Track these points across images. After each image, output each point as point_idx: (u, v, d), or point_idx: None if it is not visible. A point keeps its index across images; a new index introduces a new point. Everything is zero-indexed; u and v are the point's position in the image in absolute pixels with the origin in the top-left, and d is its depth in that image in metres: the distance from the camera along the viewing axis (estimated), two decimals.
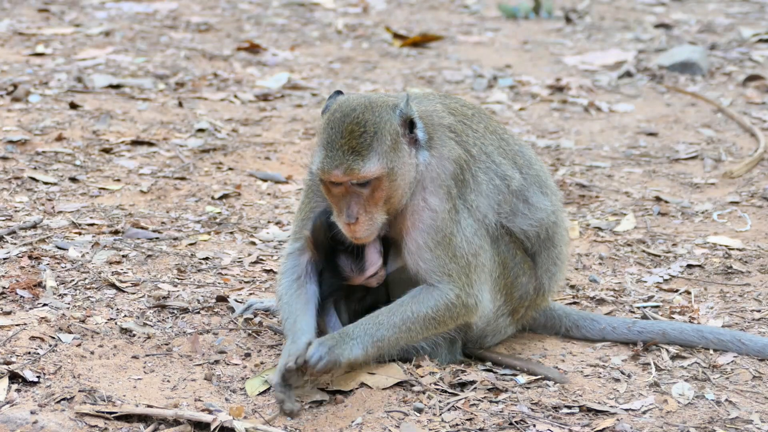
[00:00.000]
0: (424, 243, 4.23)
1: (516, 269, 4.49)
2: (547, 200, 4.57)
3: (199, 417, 3.91)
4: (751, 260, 5.63)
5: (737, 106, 8.58)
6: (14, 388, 4.02)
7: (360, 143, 4.08)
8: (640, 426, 4.01)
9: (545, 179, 4.64)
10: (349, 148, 4.07)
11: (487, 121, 4.56)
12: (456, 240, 4.24)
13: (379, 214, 4.16)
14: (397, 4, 12.76)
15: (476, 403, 4.12)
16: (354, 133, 4.08)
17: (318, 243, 4.35)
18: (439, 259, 4.23)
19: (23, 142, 6.88)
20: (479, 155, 4.38)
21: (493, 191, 4.39)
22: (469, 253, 4.27)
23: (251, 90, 8.67)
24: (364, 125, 4.09)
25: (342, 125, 4.10)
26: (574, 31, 11.54)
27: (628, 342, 4.71)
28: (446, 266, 4.23)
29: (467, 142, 4.37)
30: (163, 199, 6.24)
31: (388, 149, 4.11)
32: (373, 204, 4.15)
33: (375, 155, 4.08)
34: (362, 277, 4.32)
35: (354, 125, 4.09)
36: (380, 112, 4.13)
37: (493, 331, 4.57)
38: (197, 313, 4.79)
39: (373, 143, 4.08)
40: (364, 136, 4.08)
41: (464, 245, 4.25)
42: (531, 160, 4.62)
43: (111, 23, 10.69)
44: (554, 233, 4.59)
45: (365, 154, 4.07)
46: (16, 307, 4.65)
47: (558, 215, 4.63)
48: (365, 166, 4.07)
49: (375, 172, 4.08)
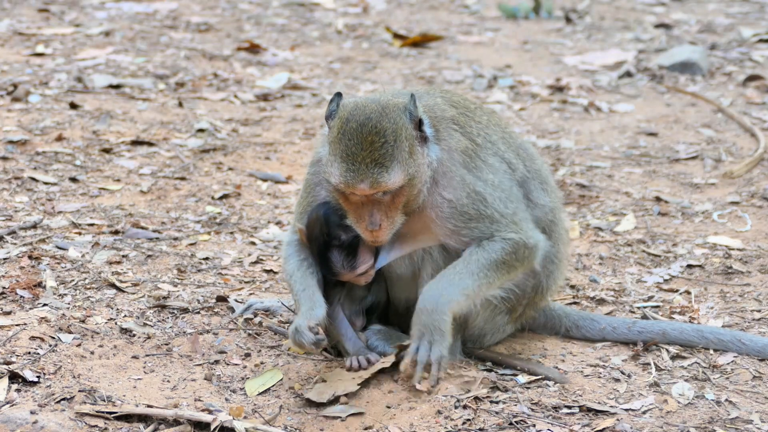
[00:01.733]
0: (455, 227, 4.24)
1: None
2: (547, 197, 4.57)
3: (199, 417, 3.91)
4: (752, 260, 5.63)
5: (737, 106, 8.58)
6: (14, 388, 4.02)
7: (382, 155, 4.02)
8: (640, 426, 4.01)
9: (546, 176, 4.64)
10: (372, 161, 4.02)
11: (490, 116, 4.57)
12: (487, 198, 4.25)
13: (399, 217, 4.17)
14: (397, 4, 12.76)
15: (476, 402, 4.12)
16: (375, 144, 4.02)
17: (312, 237, 4.34)
18: (479, 227, 4.24)
19: (23, 142, 6.88)
20: (485, 143, 4.39)
21: (504, 173, 4.40)
22: (502, 200, 4.28)
23: (251, 90, 8.67)
24: (384, 135, 4.03)
25: (360, 136, 4.03)
26: (574, 31, 11.53)
27: (629, 342, 4.71)
28: (490, 227, 4.25)
29: (471, 132, 4.37)
30: (163, 199, 6.24)
31: (407, 156, 4.08)
32: (394, 209, 4.14)
33: (398, 165, 4.04)
34: (352, 274, 4.31)
35: (374, 135, 4.03)
36: (395, 117, 4.08)
37: (492, 330, 4.57)
38: (197, 313, 4.79)
39: (395, 153, 4.03)
40: (386, 147, 4.02)
41: (495, 196, 4.27)
42: (533, 156, 4.64)
43: (111, 23, 10.69)
44: (552, 231, 4.58)
45: (389, 165, 4.03)
46: (16, 307, 4.65)
47: (557, 214, 4.63)
48: (391, 178, 4.03)
49: (399, 182, 4.05)
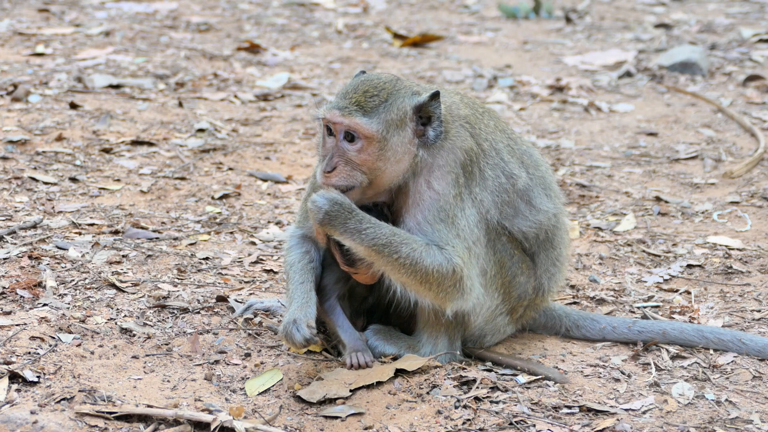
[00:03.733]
0: (424, 219, 4.25)
1: (513, 268, 4.49)
2: (550, 203, 4.57)
3: (199, 417, 3.91)
4: (751, 260, 5.63)
5: (737, 106, 8.58)
6: (14, 388, 4.02)
7: (368, 102, 4.19)
8: (640, 426, 4.01)
9: (550, 182, 4.64)
10: (357, 102, 4.19)
11: (496, 120, 4.59)
12: (460, 223, 4.26)
13: (359, 174, 4.20)
14: (397, 4, 12.76)
15: (476, 402, 4.12)
16: (367, 93, 4.21)
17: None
18: (442, 233, 4.24)
19: (23, 142, 6.88)
20: (489, 150, 4.41)
21: (498, 189, 4.40)
22: (470, 238, 4.29)
23: (251, 90, 8.67)
24: (380, 91, 4.21)
25: (360, 84, 4.25)
26: (574, 31, 11.53)
27: (629, 342, 4.71)
28: (450, 240, 4.24)
29: (480, 135, 4.39)
30: (163, 199, 6.24)
31: (392, 122, 4.19)
32: (356, 163, 4.20)
33: (376, 119, 4.16)
34: (351, 269, 4.34)
35: (371, 87, 4.22)
36: (401, 90, 4.24)
37: (492, 330, 4.57)
38: (197, 313, 4.79)
39: (379, 108, 4.18)
40: (375, 99, 4.19)
41: (466, 230, 4.28)
42: (537, 162, 4.63)
43: (111, 23, 10.69)
44: (554, 236, 4.59)
45: (368, 111, 4.17)
46: (16, 307, 4.65)
47: (559, 219, 4.63)
48: (361, 121, 4.15)
49: (368, 129, 4.15)
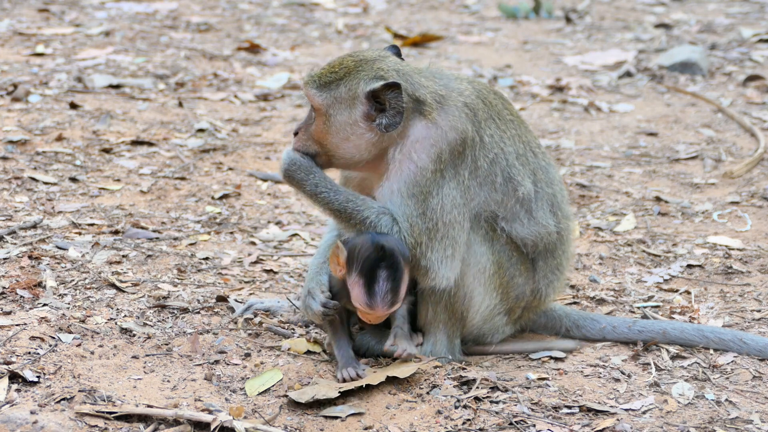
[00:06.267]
0: (398, 189, 4.28)
1: (512, 270, 4.48)
2: (553, 220, 4.53)
3: (199, 417, 3.91)
4: (751, 260, 5.63)
5: (737, 106, 8.58)
6: (14, 388, 4.02)
7: (326, 77, 4.33)
8: (640, 426, 4.01)
9: (560, 201, 4.59)
10: (319, 75, 4.34)
11: (521, 131, 4.53)
12: (431, 201, 4.26)
13: (313, 143, 4.36)
14: (397, 4, 12.76)
15: (476, 402, 4.12)
16: (331, 68, 4.35)
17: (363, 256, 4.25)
18: (408, 207, 4.26)
19: (23, 142, 6.88)
20: (491, 145, 4.38)
21: (491, 185, 4.38)
22: (441, 219, 4.27)
23: (251, 90, 8.67)
24: (341, 69, 4.33)
25: (336, 59, 4.40)
26: (574, 31, 11.53)
27: (629, 342, 4.70)
28: (411, 217, 4.26)
29: (481, 126, 4.37)
30: (163, 199, 6.24)
31: (340, 100, 4.30)
32: (313, 133, 4.36)
33: (326, 92, 4.32)
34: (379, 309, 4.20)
35: (337, 64, 4.35)
36: (363, 72, 4.32)
37: (491, 330, 4.58)
38: (197, 313, 4.79)
39: (332, 84, 4.31)
40: (332, 75, 4.33)
41: (438, 210, 4.27)
42: (552, 180, 4.58)
43: (111, 23, 10.69)
44: (555, 248, 4.58)
45: (321, 86, 4.32)
46: (16, 307, 4.64)
47: (563, 236, 4.59)
48: (313, 91, 4.33)
49: (316, 101, 4.32)
